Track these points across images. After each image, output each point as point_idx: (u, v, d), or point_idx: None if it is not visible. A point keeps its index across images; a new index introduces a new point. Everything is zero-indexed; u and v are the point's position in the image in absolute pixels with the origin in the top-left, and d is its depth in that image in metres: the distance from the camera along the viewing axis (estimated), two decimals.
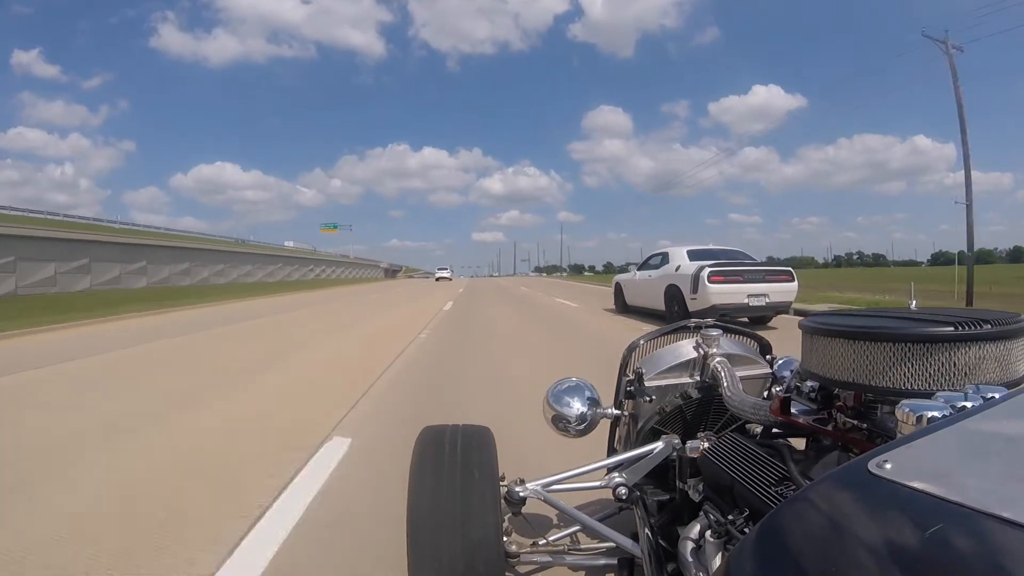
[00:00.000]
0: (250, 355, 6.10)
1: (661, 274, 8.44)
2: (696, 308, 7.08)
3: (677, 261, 8.19)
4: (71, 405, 3.74)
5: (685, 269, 7.72)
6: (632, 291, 9.76)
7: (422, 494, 1.10)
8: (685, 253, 8.28)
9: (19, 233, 20.20)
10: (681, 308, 7.44)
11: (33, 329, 8.88)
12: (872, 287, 16.11)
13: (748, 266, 7.71)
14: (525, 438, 2.49)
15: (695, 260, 7.88)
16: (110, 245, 25.23)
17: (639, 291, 9.37)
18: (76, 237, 23.53)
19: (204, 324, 9.89)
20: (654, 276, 8.70)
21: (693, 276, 7.28)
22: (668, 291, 7.95)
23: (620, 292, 10.35)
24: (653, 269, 8.98)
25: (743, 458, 0.98)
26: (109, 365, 5.50)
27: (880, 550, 0.41)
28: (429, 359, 5.32)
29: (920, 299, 2.53)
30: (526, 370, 4.66)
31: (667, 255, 8.71)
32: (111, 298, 16.93)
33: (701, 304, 7.03)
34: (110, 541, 1.73)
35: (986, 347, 0.83)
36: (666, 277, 8.16)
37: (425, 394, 3.85)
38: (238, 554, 1.64)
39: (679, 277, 7.73)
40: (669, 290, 7.93)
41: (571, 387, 1.47)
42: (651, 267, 9.19)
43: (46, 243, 21.23)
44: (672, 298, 7.82)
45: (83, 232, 25.12)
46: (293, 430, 2.94)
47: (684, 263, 7.92)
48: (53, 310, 11.88)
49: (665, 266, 8.48)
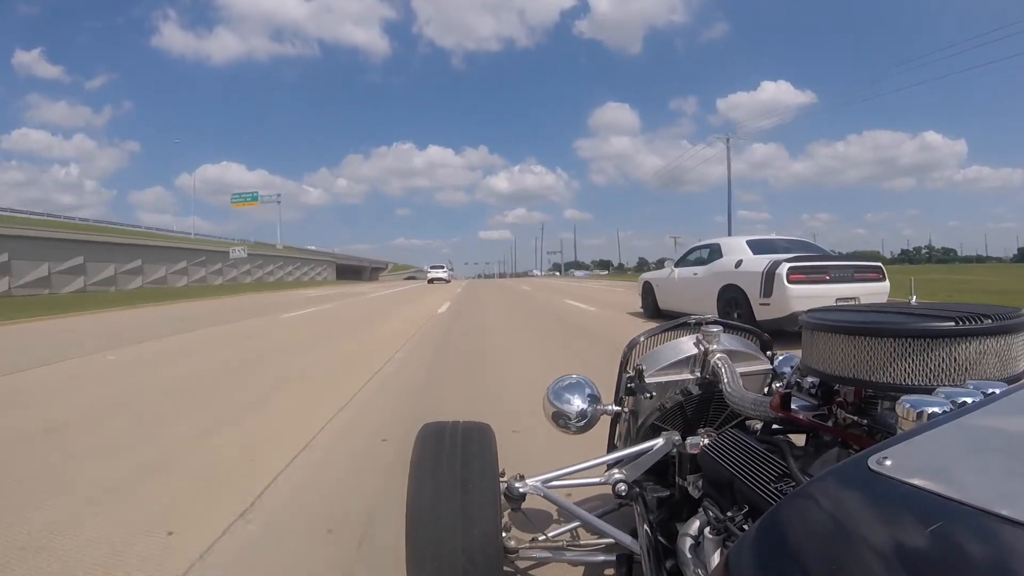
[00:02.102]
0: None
1: (712, 271, 6.80)
2: (769, 316, 5.52)
3: (736, 254, 6.56)
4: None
5: (751, 265, 6.09)
6: (668, 292, 8.12)
7: (422, 489, 1.10)
8: (746, 244, 6.71)
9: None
10: (745, 315, 5.81)
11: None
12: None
13: (834, 261, 6.08)
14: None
15: (761, 253, 6.28)
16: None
17: (678, 292, 7.73)
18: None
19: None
20: (702, 274, 7.05)
21: (765, 274, 5.66)
22: (724, 293, 6.38)
23: (650, 293, 8.73)
24: (699, 265, 7.32)
25: (743, 454, 0.98)
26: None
27: (880, 547, 0.40)
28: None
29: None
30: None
31: (719, 247, 7.08)
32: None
33: (777, 310, 5.48)
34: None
35: (987, 342, 0.82)
36: (720, 275, 6.54)
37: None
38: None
39: (742, 276, 6.11)
40: (726, 292, 6.34)
41: (571, 384, 1.47)
42: (695, 262, 7.56)
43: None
44: (730, 302, 6.22)
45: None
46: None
47: (747, 257, 6.33)
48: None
49: (717, 261, 6.84)
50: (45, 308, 13.70)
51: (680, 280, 7.70)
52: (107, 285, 25.92)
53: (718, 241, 7.34)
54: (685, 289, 7.50)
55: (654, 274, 9.13)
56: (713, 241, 7.49)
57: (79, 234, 26.19)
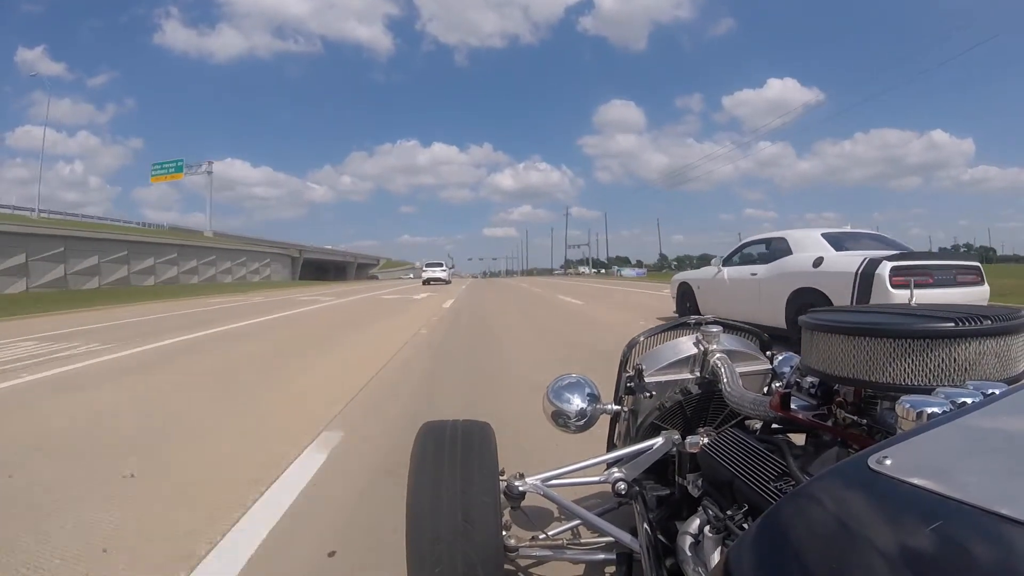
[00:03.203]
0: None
1: (779, 272, 5.53)
2: None
3: (811, 250, 5.31)
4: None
5: (836, 264, 4.91)
6: (714, 296, 6.78)
7: (422, 488, 1.10)
8: (822, 238, 5.43)
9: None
10: None
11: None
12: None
13: (935, 260, 5.01)
14: None
15: (844, 249, 5.19)
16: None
17: (728, 296, 6.39)
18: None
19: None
20: (763, 274, 5.77)
21: (861, 275, 4.50)
22: (797, 299, 5.11)
23: (689, 297, 7.41)
24: (758, 264, 6.10)
25: (742, 454, 0.98)
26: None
27: (879, 546, 0.41)
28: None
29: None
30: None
31: (785, 241, 5.76)
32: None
33: None
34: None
35: (986, 343, 0.82)
36: (791, 276, 5.29)
37: None
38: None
39: (824, 277, 4.91)
40: (800, 297, 5.08)
41: (571, 383, 1.47)
42: (751, 260, 6.41)
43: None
44: (805, 310, 3.82)
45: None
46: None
47: (829, 254, 5.11)
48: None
49: (785, 259, 5.56)
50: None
51: (731, 282, 6.39)
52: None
53: (782, 234, 5.95)
54: (738, 293, 6.18)
55: (694, 274, 7.68)
56: (775, 234, 6.13)
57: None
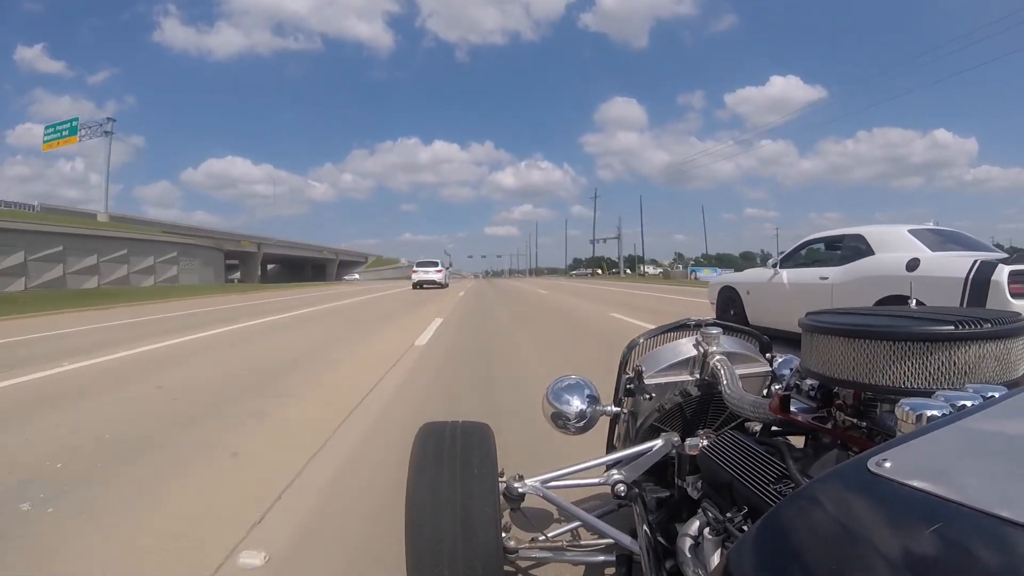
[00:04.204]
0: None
1: (859, 275, 4.75)
2: None
3: (899, 250, 4.59)
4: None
5: (937, 267, 4.18)
6: (771, 302, 5.77)
7: (421, 489, 1.10)
8: (911, 236, 4.67)
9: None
10: None
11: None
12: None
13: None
14: None
15: (940, 250, 4.48)
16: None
17: (789, 304, 5.29)
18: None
19: None
20: (837, 279, 4.94)
21: (972, 281, 3.86)
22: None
23: (734, 304, 6.41)
24: (829, 266, 5.25)
25: (742, 456, 0.99)
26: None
27: (879, 549, 0.41)
28: None
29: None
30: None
31: (864, 240, 4.94)
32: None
33: None
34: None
35: (986, 346, 0.83)
36: (877, 281, 4.51)
37: None
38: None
39: (922, 283, 4.16)
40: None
41: (571, 385, 1.48)
42: (816, 261, 5.64)
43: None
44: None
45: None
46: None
47: (925, 255, 4.35)
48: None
49: (866, 260, 4.80)
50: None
51: (793, 287, 5.47)
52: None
53: (859, 231, 5.11)
54: (802, 300, 4.96)
55: (740, 277, 6.80)
56: (848, 230, 5.30)
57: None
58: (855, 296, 4.64)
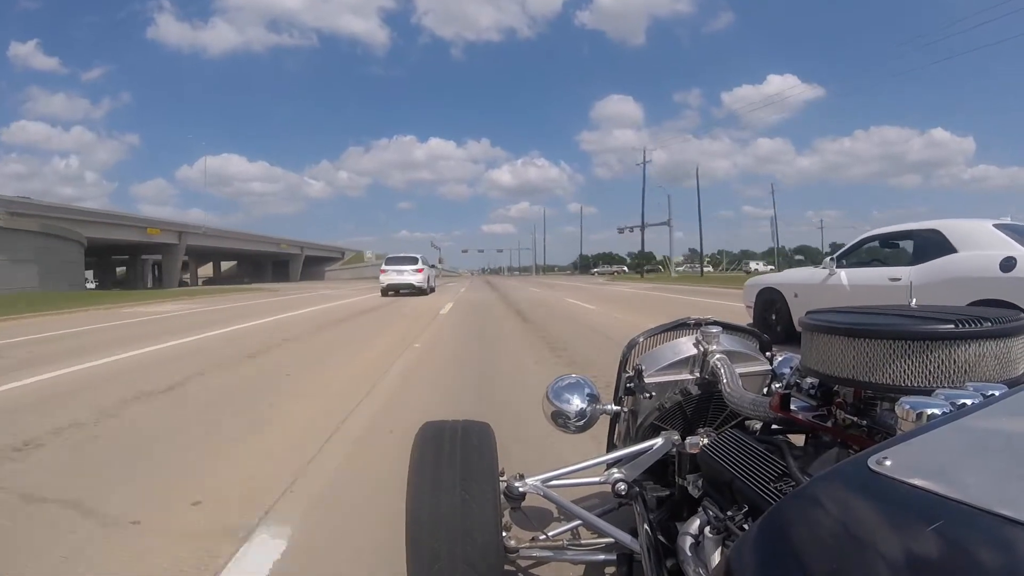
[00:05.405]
0: None
1: (941, 276, 4.26)
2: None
3: (986, 247, 4.15)
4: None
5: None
6: (827, 305, 3.92)
7: (422, 489, 1.10)
8: (999, 231, 4.21)
9: None
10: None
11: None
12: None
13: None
14: None
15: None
16: None
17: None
18: None
19: None
20: (912, 280, 4.26)
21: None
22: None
23: (776, 308, 5.75)
24: (899, 265, 4.79)
25: (742, 454, 0.99)
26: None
27: (879, 547, 0.41)
28: None
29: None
30: None
31: (941, 235, 4.45)
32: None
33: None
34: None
35: (986, 345, 0.83)
36: (966, 283, 4.06)
37: None
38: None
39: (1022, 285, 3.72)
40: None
41: (571, 384, 1.48)
42: (882, 259, 5.16)
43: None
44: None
45: None
46: None
47: (1020, 253, 3.95)
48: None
49: (948, 259, 4.30)
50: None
51: (855, 288, 4.88)
52: None
53: (935, 225, 4.57)
54: (872, 304, 3.59)
55: (785, 277, 6.13)
56: (921, 225, 4.74)
57: None
58: (939, 301, 3.40)
